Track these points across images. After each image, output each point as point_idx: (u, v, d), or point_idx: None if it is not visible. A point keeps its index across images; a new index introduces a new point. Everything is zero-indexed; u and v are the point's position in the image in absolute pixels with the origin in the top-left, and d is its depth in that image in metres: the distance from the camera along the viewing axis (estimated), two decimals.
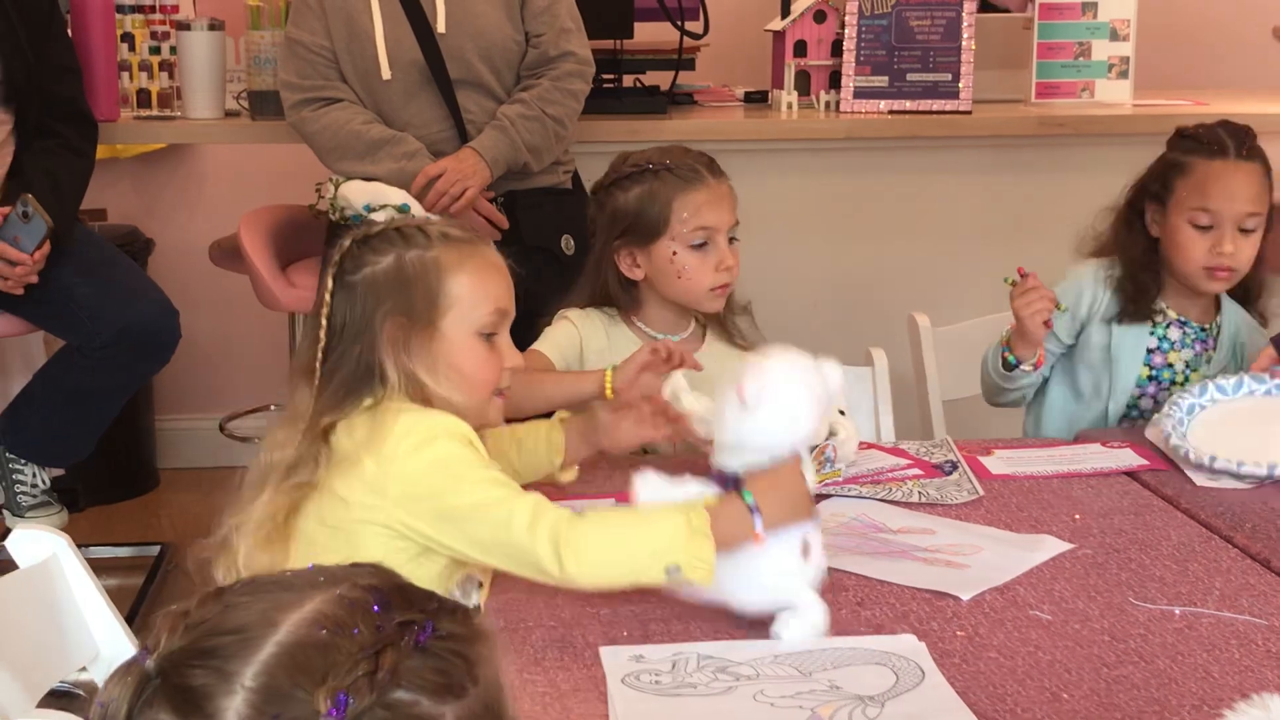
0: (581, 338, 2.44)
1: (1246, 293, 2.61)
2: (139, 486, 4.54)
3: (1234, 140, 2.49)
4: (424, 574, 1.79)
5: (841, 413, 2.21)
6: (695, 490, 1.75)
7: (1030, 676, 1.61)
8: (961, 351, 2.79)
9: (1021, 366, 2.47)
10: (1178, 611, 1.76)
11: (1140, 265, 2.54)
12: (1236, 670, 1.61)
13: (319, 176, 3.52)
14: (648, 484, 1.77)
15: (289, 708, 0.85)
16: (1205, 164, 2.48)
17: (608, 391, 2.20)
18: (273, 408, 4.51)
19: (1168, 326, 2.56)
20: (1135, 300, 2.54)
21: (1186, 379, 2.54)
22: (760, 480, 1.72)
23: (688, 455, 2.20)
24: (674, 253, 2.39)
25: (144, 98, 3.72)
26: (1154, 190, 2.54)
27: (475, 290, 1.83)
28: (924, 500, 2.13)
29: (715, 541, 1.66)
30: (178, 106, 3.73)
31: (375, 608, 0.90)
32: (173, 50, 3.70)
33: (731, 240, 2.43)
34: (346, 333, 1.79)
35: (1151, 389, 2.56)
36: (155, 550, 3.99)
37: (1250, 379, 2.30)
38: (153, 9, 3.73)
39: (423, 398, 1.82)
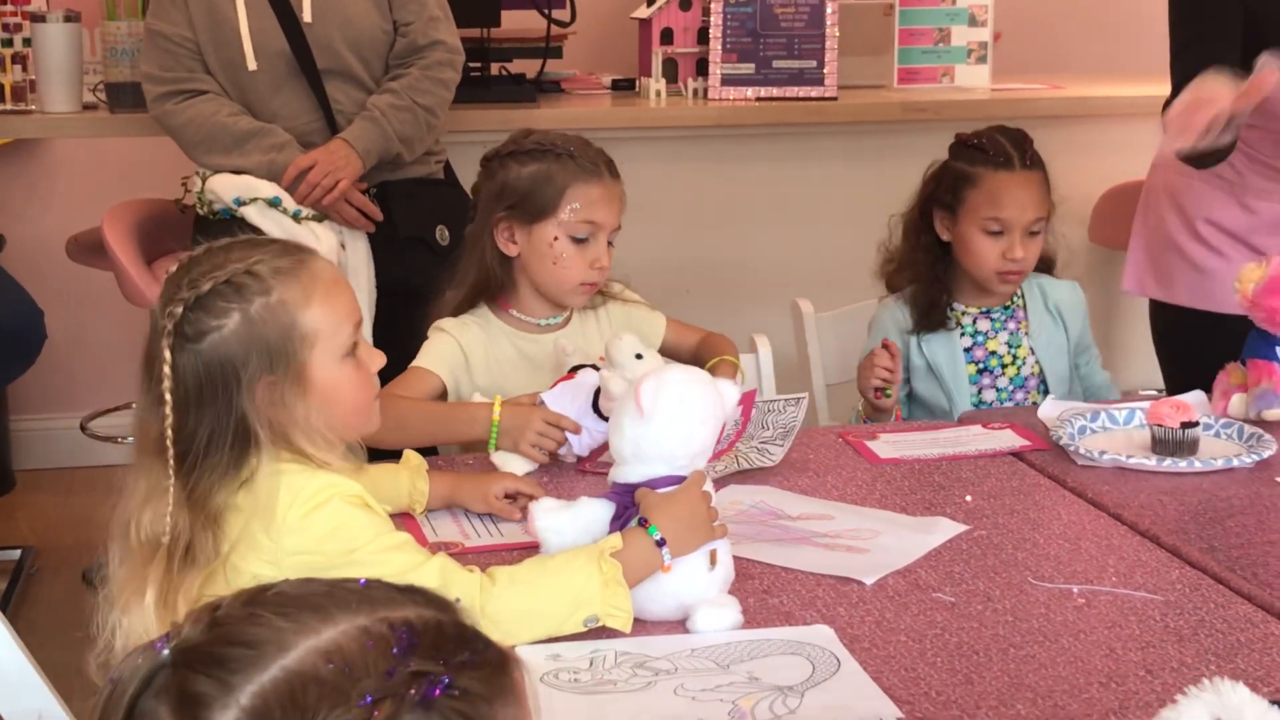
0: (462, 346, 2.39)
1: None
2: None
3: (1018, 151, 2.61)
4: None
5: (639, 355, 2.24)
6: (591, 512, 1.77)
7: (941, 659, 1.63)
8: (841, 336, 2.84)
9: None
10: (1076, 590, 1.80)
11: (931, 274, 2.65)
12: (1139, 646, 1.65)
13: (179, 170, 3.46)
14: (544, 511, 1.78)
15: None
16: (994, 175, 2.60)
17: (491, 441, 2.18)
18: (133, 405, 4.42)
19: (974, 321, 2.67)
20: (928, 312, 2.65)
21: (1015, 358, 2.65)
22: (663, 512, 1.73)
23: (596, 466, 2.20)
24: (555, 238, 2.37)
25: None
26: (944, 199, 2.64)
27: (329, 315, 1.73)
28: (745, 467, 2.18)
29: (631, 580, 1.68)
30: (32, 100, 3.64)
31: (396, 649, 0.86)
32: (26, 42, 3.62)
33: (609, 243, 2.42)
34: (205, 404, 1.67)
35: (986, 380, 2.66)
36: (16, 554, 3.89)
37: (1140, 411, 2.34)
38: (4, 0, 3.63)
39: (301, 448, 1.73)
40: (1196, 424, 2.24)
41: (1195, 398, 2.41)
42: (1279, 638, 1.66)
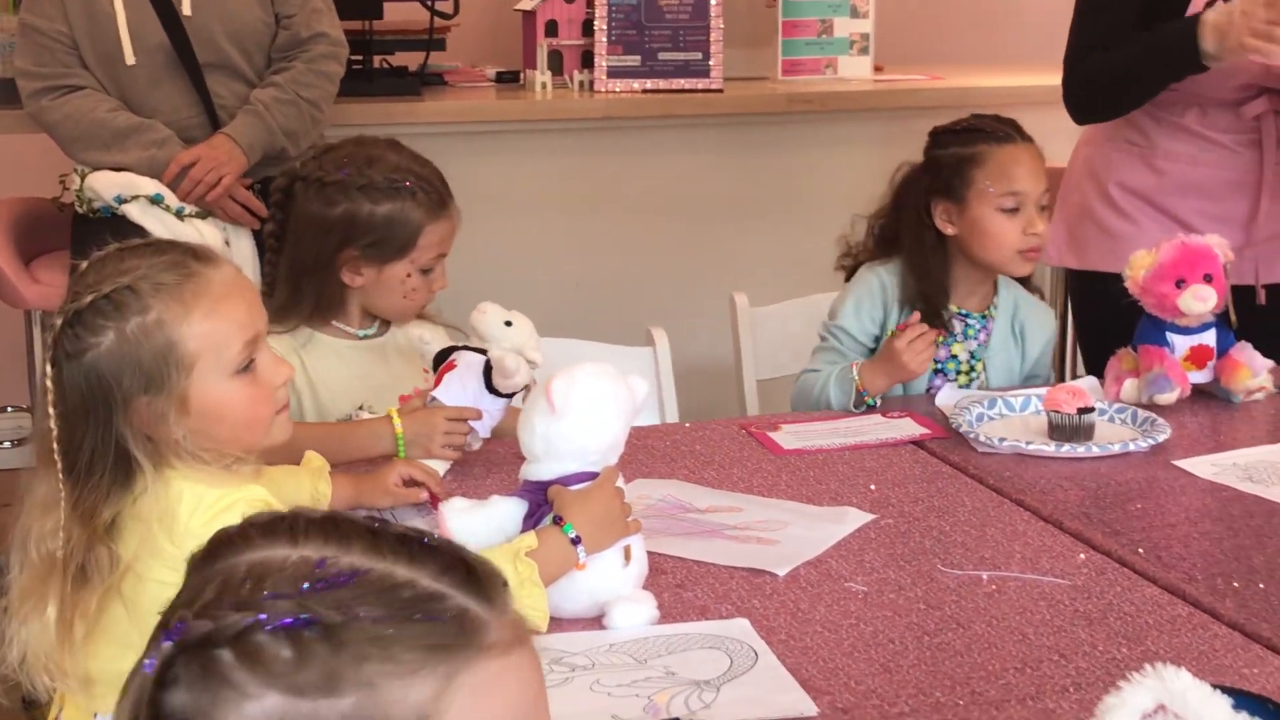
0: (297, 355, 2.33)
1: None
2: None
3: (1011, 125, 2.57)
4: None
5: (508, 323, 2.22)
6: (504, 510, 1.76)
7: (857, 649, 1.64)
8: (778, 332, 2.88)
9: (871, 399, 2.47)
10: (985, 577, 1.81)
11: (932, 273, 2.56)
12: (1050, 631, 1.67)
13: (56, 168, 3.40)
14: (455, 512, 1.76)
15: (170, 614, 0.90)
16: (1000, 149, 2.53)
17: (400, 452, 2.15)
18: (9, 409, 4.33)
19: (949, 320, 2.59)
20: (928, 313, 2.52)
21: (971, 369, 2.61)
22: (578, 510, 1.72)
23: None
24: (408, 274, 2.33)
25: None
26: (945, 189, 2.55)
27: (213, 332, 1.67)
28: None
29: (546, 579, 1.67)
30: None
31: (308, 584, 0.88)
32: None
33: None
34: (87, 420, 1.63)
35: (939, 381, 2.58)
36: None
37: (1036, 398, 2.37)
38: None
39: (191, 465, 1.68)
40: (1092, 409, 2.27)
41: (1089, 383, 2.45)
42: (1185, 619, 1.69)
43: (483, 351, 2.19)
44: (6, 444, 4.22)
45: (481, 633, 0.89)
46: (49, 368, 1.63)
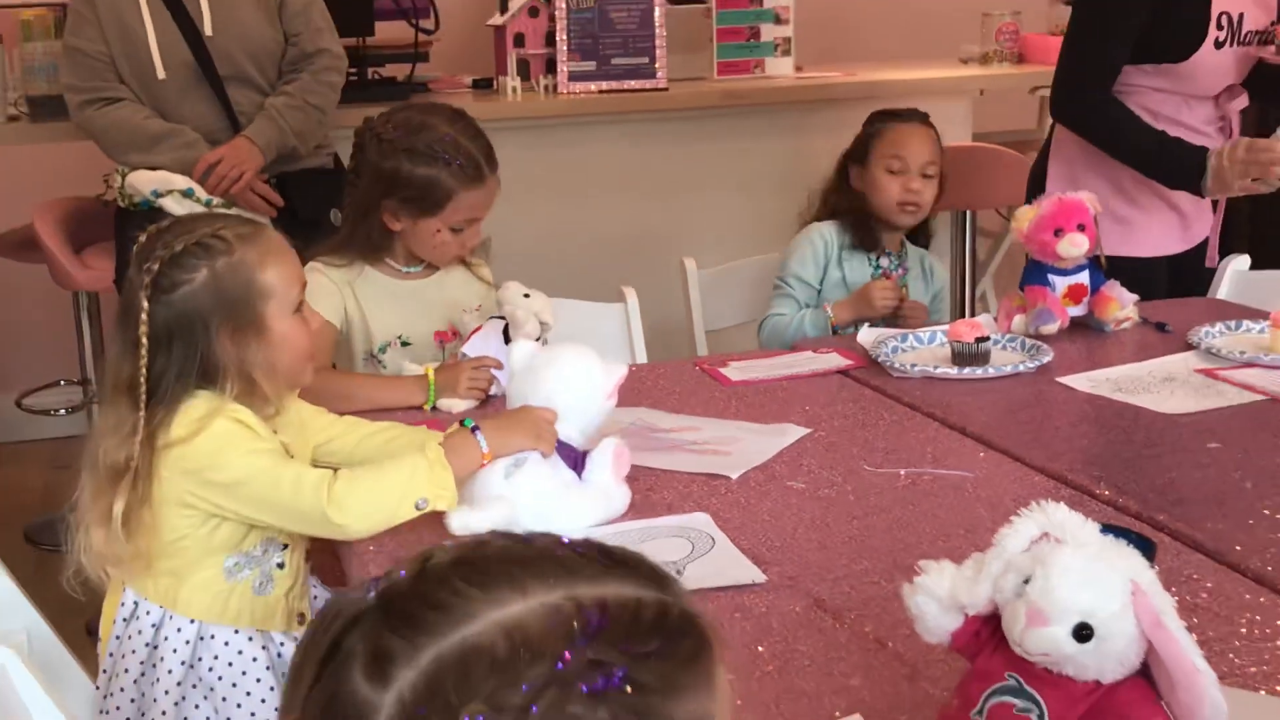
0: (337, 286, 2.38)
1: (920, 237, 2.89)
2: None
3: (913, 113, 2.86)
4: (220, 537, 1.78)
5: (526, 295, 2.31)
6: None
7: (797, 532, 1.71)
8: (721, 288, 2.96)
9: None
10: (903, 473, 1.89)
11: (856, 211, 2.80)
12: (955, 511, 1.75)
13: (93, 171, 3.42)
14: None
15: (437, 709, 0.73)
16: (895, 126, 2.83)
17: (430, 402, 2.19)
18: (61, 383, 4.36)
19: (879, 257, 2.80)
20: (860, 233, 2.78)
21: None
22: (489, 419, 1.79)
23: None
24: (438, 230, 2.37)
25: None
26: (857, 155, 2.83)
27: (282, 276, 1.78)
28: None
29: (453, 467, 1.71)
30: None
31: (580, 633, 0.75)
32: None
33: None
34: (176, 347, 1.72)
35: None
36: None
37: (941, 333, 2.45)
38: None
39: (251, 391, 1.77)
40: (987, 339, 2.35)
41: (984, 319, 2.52)
42: (1068, 499, 1.74)
43: (503, 318, 2.28)
44: (61, 412, 4.25)
45: (707, 629, 0.81)
46: (144, 303, 1.70)
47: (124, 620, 1.82)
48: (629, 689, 0.74)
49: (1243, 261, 2.83)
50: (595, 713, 0.73)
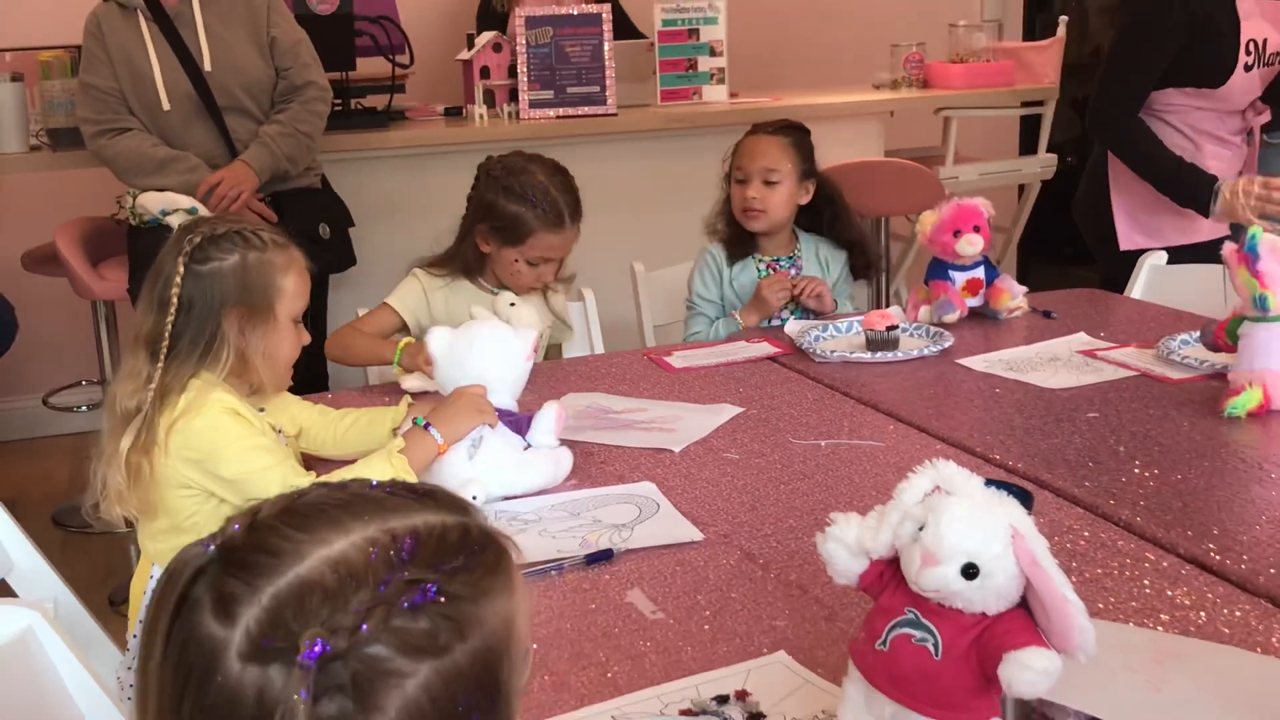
0: (427, 292, 2.47)
1: (824, 228, 2.80)
2: None
3: (772, 125, 2.74)
4: (226, 511, 1.78)
5: (511, 304, 2.36)
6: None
7: (732, 496, 1.73)
8: (666, 288, 2.95)
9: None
10: (823, 444, 1.91)
11: (732, 223, 2.74)
12: (869, 475, 1.78)
13: (107, 195, 3.41)
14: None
15: (280, 638, 0.74)
16: (745, 138, 2.74)
17: (395, 362, 2.23)
18: (83, 382, 4.33)
19: (768, 265, 2.73)
20: (735, 247, 2.73)
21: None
22: (434, 410, 1.80)
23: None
24: (515, 260, 2.44)
25: None
26: (728, 171, 2.75)
27: (295, 286, 1.81)
28: None
29: (415, 468, 1.72)
30: None
31: (395, 559, 0.77)
32: None
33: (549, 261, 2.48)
34: (194, 313, 1.74)
35: (785, 314, 2.67)
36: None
37: (857, 323, 2.47)
38: None
39: (242, 371, 1.79)
40: (897, 327, 2.37)
41: (894, 310, 2.54)
42: (967, 463, 1.76)
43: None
44: (83, 408, 4.22)
45: (502, 540, 0.84)
46: (180, 268, 1.73)
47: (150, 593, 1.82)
48: (443, 599, 0.77)
49: (1159, 257, 2.86)
50: (417, 623, 0.76)
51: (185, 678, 0.75)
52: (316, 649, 0.72)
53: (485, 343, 1.87)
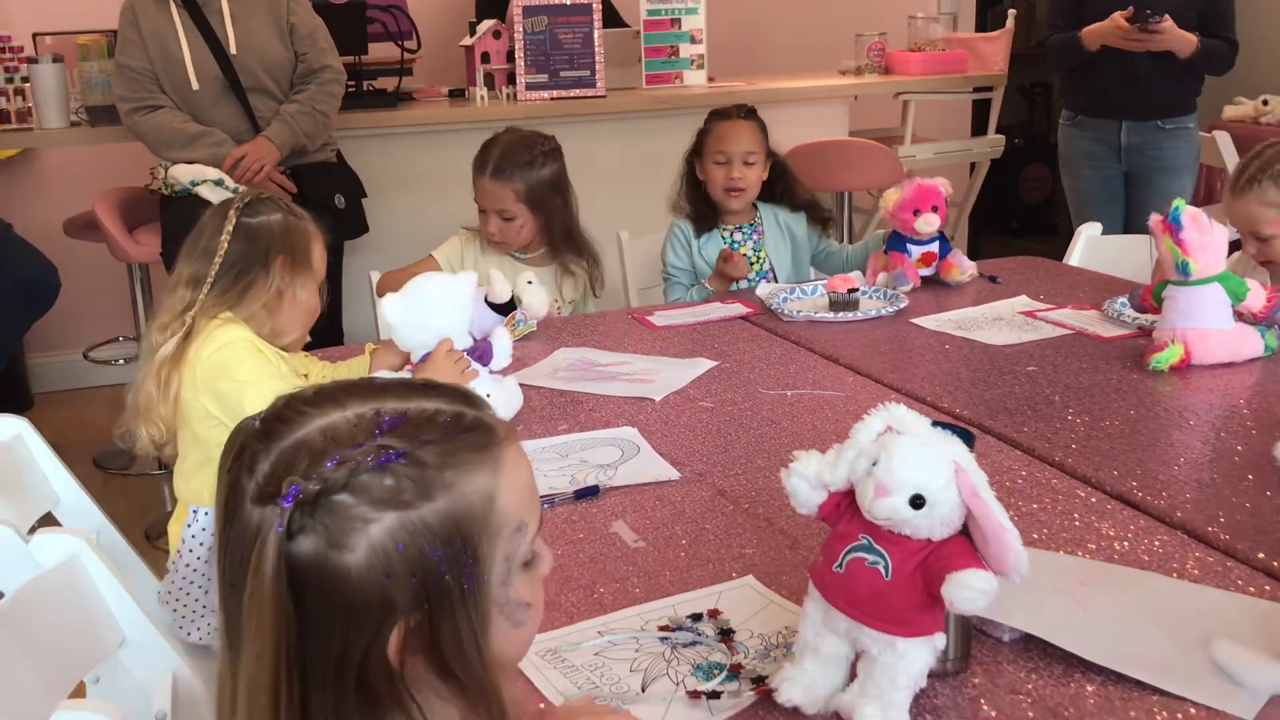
0: (462, 247, 2.56)
1: (784, 198, 2.78)
2: (17, 409, 4.25)
3: (737, 110, 2.73)
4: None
5: (530, 282, 2.29)
6: None
7: (706, 439, 1.74)
8: (649, 255, 2.94)
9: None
10: (789, 393, 1.92)
11: (699, 199, 2.73)
12: (829, 421, 1.79)
13: (141, 167, 3.39)
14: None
15: (272, 483, 0.81)
16: (719, 124, 2.71)
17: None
18: (120, 338, 4.31)
19: (731, 234, 2.73)
20: (701, 221, 2.71)
21: (759, 258, 2.72)
22: (419, 373, 1.81)
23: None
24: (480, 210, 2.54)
25: (4, 116, 3.47)
26: (696, 150, 2.73)
27: (320, 258, 1.88)
28: None
29: None
30: (31, 121, 3.50)
31: (377, 429, 0.83)
32: (24, 79, 3.47)
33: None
34: (239, 260, 1.79)
35: (755, 277, 2.69)
36: None
37: (822, 286, 2.47)
38: (3, 50, 3.50)
39: (275, 309, 1.81)
40: (857, 290, 2.38)
41: (855, 275, 2.54)
42: (919, 408, 1.79)
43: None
44: (121, 362, 4.21)
45: (498, 429, 0.87)
46: (234, 217, 1.78)
47: (188, 526, 1.84)
48: (406, 463, 0.82)
49: (1094, 228, 2.85)
50: (382, 480, 0.81)
51: (225, 516, 0.84)
52: (291, 492, 0.80)
53: (439, 299, 1.81)
